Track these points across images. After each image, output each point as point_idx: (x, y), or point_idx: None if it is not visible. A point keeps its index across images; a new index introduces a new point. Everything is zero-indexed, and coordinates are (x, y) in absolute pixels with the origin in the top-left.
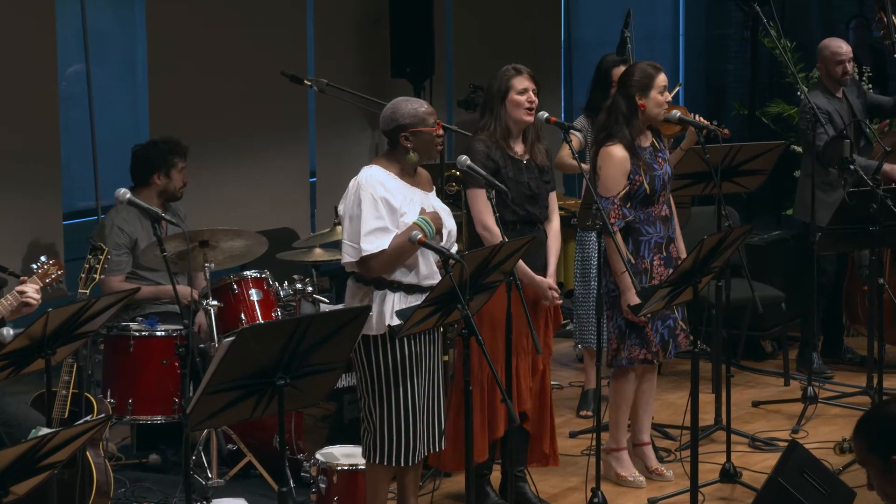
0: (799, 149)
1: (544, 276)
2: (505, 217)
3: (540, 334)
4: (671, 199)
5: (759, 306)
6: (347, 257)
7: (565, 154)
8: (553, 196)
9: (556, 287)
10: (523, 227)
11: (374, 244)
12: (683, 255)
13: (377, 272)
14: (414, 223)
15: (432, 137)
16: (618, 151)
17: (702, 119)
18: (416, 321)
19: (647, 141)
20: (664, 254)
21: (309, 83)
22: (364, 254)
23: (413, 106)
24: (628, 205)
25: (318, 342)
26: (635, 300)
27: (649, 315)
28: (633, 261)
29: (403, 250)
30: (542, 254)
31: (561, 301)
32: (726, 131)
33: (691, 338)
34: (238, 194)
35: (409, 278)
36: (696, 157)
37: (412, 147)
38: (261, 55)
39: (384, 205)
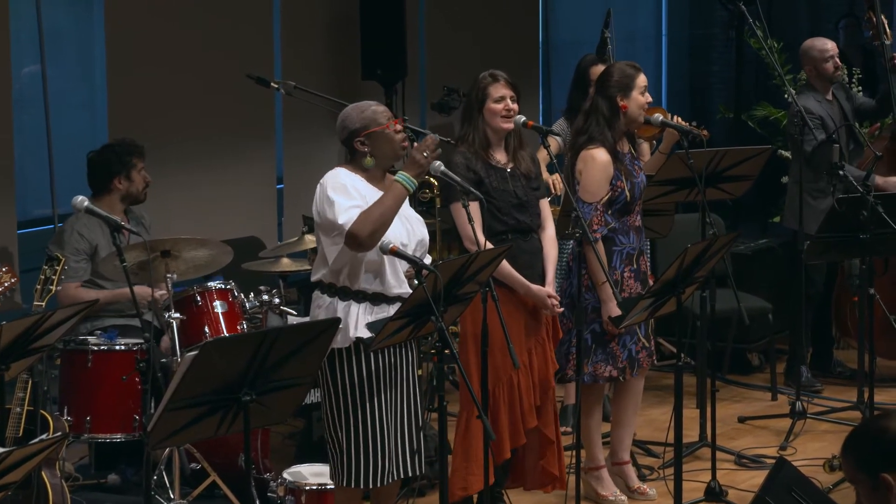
0: (787, 153)
1: (542, 285)
2: (495, 227)
3: (542, 347)
4: (642, 210)
5: (745, 318)
6: (333, 248)
7: (543, 157)
8: (545, 203)
9: (555, 295)
10: (514, 236)
11: (352, 213)
12: (647, 269)
13: (364, 237)
14: (394, 180)
15: (389, 136)
16: (601, 155)
17: (680, 120)
18: (388, 334)
19: (625, 146)
20: (634, 266)
21: (276, 86)
22: (346, 226)
23: (360, 108)
24: (609, 212)
25: (285, 356)
26: (616, 311)
27: (622, 329)
28: (615, 271)
29: (387, 209)
30: (539, 263)
31: (562, 309)
32: (705, 132)
33: (653, 357)
34: (202, 202)
35: (374, 287)
36: (680, 162)
37: (369, 151)
38: (226, 56)
39: (355, 190)
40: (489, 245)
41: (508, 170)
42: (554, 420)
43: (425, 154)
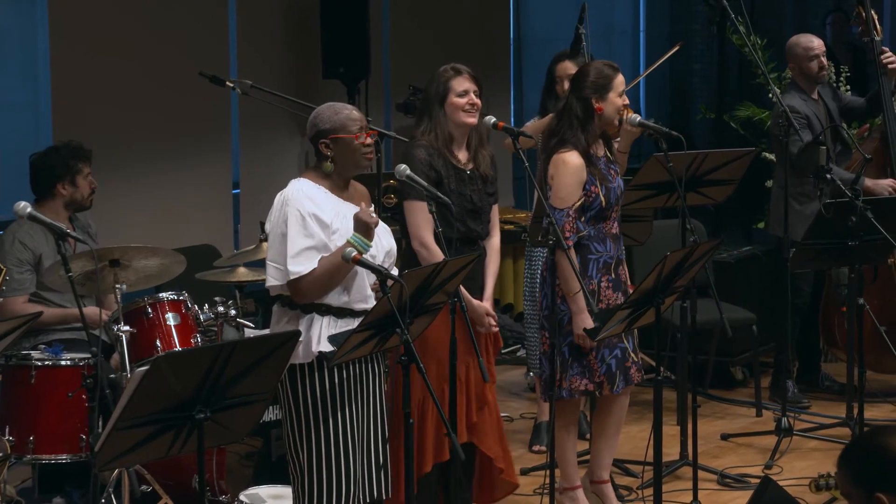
0: (771, 156)
1: (479, 296)
2: (445, 234)
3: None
4: (619, 216)
5: (727, 329)
6: (273, 280)
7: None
8: (496, 209)
9: (492, 313)
10: (462, 245)
11: (303, 265)
12: (628, 280)
13: (308, 296)
14: (347, 242)
15: (355, 146)
16: (573, 158)
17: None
18: (351, 347)
19: (601, 150)
20: (613, 275)
21: (231, 85)
22: (292, 276)
23: (335, 110)
24: (582, 218)
25: (242, 371)
26: (589, 323)
27: (593, 343)
28: (592, 280)
29: (336, 270)
30: (481, 274)
31: (497, 328)
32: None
33: (643, 372)
34: (153, 208)
35: (339, 301)
36: (658, 165)
37: (331, 155)
38: (178, 53)
39: (314, 221)
40: (439, 253)
41: (468, 171)
42: (495, 436)
43: (372, 215)
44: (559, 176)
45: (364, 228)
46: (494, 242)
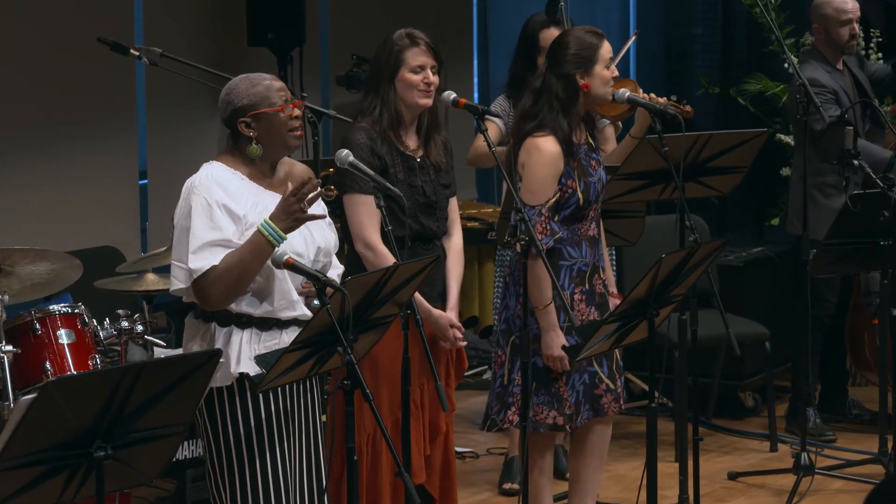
0: (788, 138)
1: (443, 308)
2: (393, 231)
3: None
4: (600, 214)
5: (735, 347)
6: (177, 283)
7: (480, 144)
8: (454, 203)
9: (458, 324)
10: (416, 244)
11: (205, 259)
12: (613, 288)
13: (213, 299)
14: (257, 231)
15: (281, 120)
16: (549, 145)
17: (655, 97)
18: (283, 370)
19: (581, 136)
20: (587, 286)
21: (137, 53)
22: (194, 274)
23: (252, 81)
24: (555, 218)
25: (150, 399)
26: (562, 340)
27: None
28: (564, 291)
29: (246, 267)
30: (441, 279)
31: (465, 343)
32: (688, 108)
33: (622, 401)
34: (41, 202)
35: (261, 309)
36: (651, 150)
37: (255, 136)
38: (70, 14)
39: (223, 212)
40: (389, 256)
41: (418, 159)
42: (444, 473)
43: (302, 205)
44: (531, 165)
45: (286, 218)
46: (455, 242)
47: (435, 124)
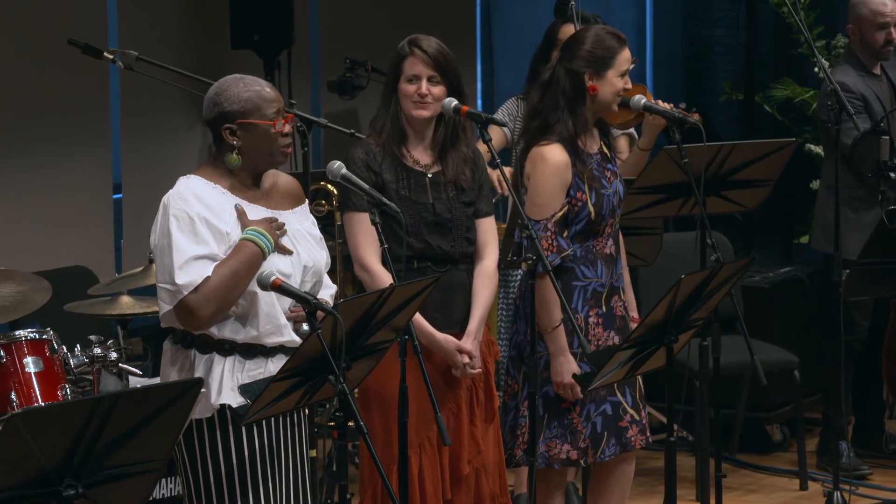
0: (818, 149)
1: (459, 334)
2: (393, 251)
3: (461, 420)
4: (619, 231)
5: (761, 376)
6: (165, 306)
7: (484, 154)
8: (486, 225)
9: (468, 349)
10: (426, 265)
11: (196, 272)
12: (634, 312)
13: (204, 318)
14: (242, 238)
15: (270, 135)
16: (555, 154)
17: (662, 103)
18: (269, 401)
19: (595, 144)
20: (603, 309)
21: (110, 56)
22: (184, 290)
23: (245, 84)
24: (564, 234)
25: (125, 433)
26: (574, 368)
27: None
28: (577, 314)
29: (239, 282)
30: (459, 305)
31: (478, 370)
32: (697, 116)
33: (648, 434)
34: (6, 218)
35: (244, 335)
36: (670, 161)
37: (238, 145)
38: (39, 14)
39: (206, 226)
40: (385, 277)
41: (430, 174)
42: None
43: (282, 244)
44: (536, 176)
45: (269, 233)
46: (486, 266)
47: (453, 138)
